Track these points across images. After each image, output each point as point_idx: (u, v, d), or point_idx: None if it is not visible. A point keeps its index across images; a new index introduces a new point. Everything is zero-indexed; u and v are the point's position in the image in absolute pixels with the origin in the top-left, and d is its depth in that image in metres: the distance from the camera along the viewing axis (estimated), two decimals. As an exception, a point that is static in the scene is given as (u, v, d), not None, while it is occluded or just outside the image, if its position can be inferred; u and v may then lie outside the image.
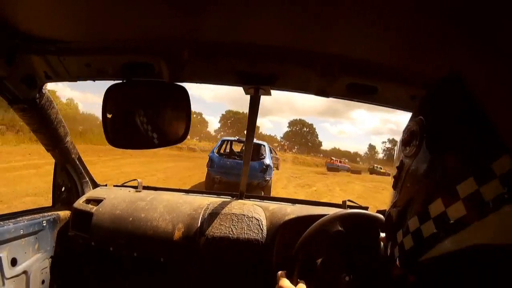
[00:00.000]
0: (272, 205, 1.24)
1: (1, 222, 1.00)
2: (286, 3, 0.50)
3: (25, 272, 1.06)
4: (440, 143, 0.42)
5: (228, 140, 8.34)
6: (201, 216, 1.16)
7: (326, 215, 0.86)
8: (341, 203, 1.39)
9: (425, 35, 0.51)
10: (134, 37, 0.69)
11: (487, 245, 0.35)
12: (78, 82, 0.85)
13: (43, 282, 1.14)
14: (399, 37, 0.55)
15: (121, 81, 0.76)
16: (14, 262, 1.01)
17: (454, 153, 0.40)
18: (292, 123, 69.70)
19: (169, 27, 0.64)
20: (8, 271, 0.99)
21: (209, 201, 1.25)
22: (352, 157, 75.60)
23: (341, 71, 0.72)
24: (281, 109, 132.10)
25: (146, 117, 0.75)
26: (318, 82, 0.77)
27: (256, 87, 0.80)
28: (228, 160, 7.16)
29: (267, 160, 7.11)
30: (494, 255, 0.35)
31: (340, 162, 36.24)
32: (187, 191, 1.46)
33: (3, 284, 0.97)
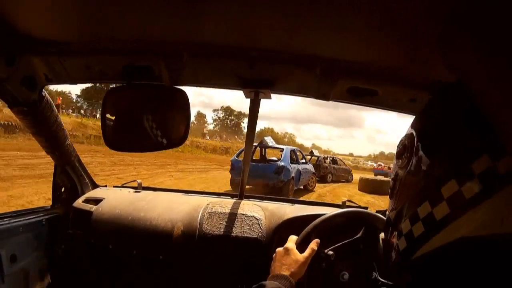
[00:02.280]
0: (272, 205, 1.24)
1: (1, 221, 1.00)
2: (286, 6, 0.50)
3: (24, 269, 1.06)
4: (427, 154, 0.46)
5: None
6: (200, 215, 1.16)
7: (324, 214, 0.87)
8: (340, 203, 1.40)
9: (424, 38, 0.51)
10: (134, 39, 0.68)
11: (471, 237, 0.39)
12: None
13: (42, 278, 1.15)
14: (399, 40, 0.55)
15: (121, 84, 0.76)
16: (13, 259, 1.02)
17: (439, 161, 0.44)
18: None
19: (169, 30, 0.64)
20: (8, 267, 0.99)
21: (209, 201, 1.25)
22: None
23: (341, 74, 0.72)
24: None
25: (145, 121, 0.75)
26: (318, 85, 0.77)
27: (256, 90, 0.80)
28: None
29: (282, 162, 7.99)
30: (478, 246, 0.39)
31: (389, 168, 28.17)
32: (186, 192, 1.46)
33: (3, 280, 0.97)
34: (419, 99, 0.76)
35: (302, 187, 9.60)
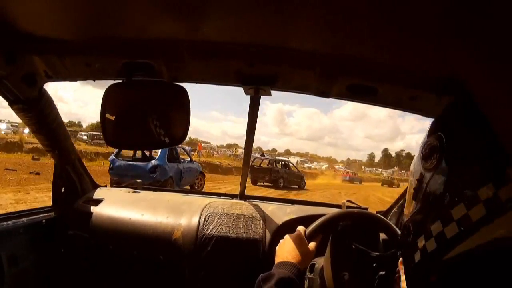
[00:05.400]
0: (272, 206, 1.24)
1: (1, 222, 0.99)
2: (285, 3, 0.50)
3: (24, 270, 1.05)
4: (459, 156, 0.46)
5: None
6: (200, 215, 1.16)
7: (325, 214, 0.86)
8: (340, 203, 1.39)
9: (424, 36, 0.51)
10: (134, 36, 0.69)
11: (506, 238, 0.39)
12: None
13: (42, 280, 1.14)
14: (399, 38, 0.55)
15: (120, 81, 0.76)
16: (13, 260, 1.01)
17: (473, 163, 0.44)
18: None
19: (169, 27, 0.64)
20: (8, 269, 0.98)
21: (209, 201, 1.25)
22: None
23: (341, 72, 0.72)
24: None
25: (145, 118, 0.75)
26: (318, 83, 0.77)
27: (256, 87, 0.80)
28: (122, 162, 7.71)
29: (157, 161, 7.61)
30: None
31: (354, 174, 34.66)
32: (186, 192, 1.46)
33: (3, 282, 0.96)
34: (419, 97, 0.76)
35: (188, 187, 8.67)
